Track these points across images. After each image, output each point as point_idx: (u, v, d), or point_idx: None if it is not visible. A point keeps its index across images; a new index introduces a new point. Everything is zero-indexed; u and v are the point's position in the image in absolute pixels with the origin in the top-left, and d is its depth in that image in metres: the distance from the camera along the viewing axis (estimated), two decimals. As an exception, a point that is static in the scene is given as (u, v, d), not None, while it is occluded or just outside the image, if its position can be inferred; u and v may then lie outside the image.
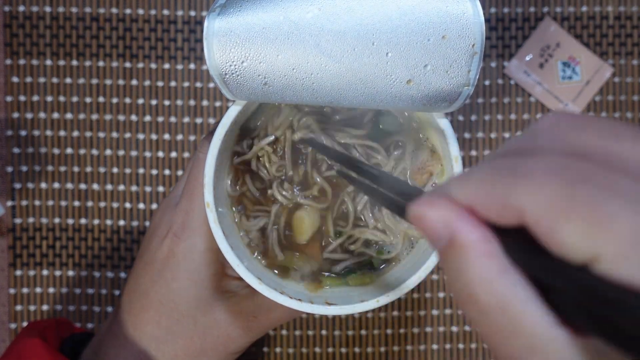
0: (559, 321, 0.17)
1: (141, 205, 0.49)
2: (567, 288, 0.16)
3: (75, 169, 0.49)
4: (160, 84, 0.49)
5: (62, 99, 0.49)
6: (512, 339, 0.17)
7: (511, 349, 0.17)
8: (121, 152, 0.49)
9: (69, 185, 0.49)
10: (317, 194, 0.35)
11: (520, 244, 0.17)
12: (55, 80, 0.49)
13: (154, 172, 0.49)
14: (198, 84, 0.49)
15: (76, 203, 0.49)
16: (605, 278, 0.15)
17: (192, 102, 0.49)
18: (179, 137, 0.49)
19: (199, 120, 0.49)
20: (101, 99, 0.49)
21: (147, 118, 0.49)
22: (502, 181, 0.17)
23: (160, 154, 0.49)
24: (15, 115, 0.49)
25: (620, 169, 0.16)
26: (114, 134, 0.49)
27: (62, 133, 0.49)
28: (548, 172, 0.17)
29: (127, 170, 0.49)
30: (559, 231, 0.16)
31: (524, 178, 0.17)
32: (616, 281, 0.15)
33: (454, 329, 0.49)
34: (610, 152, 0.17)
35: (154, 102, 0.49)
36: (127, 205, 0.49)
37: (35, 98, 0.49)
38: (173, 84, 0.49)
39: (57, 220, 0.49)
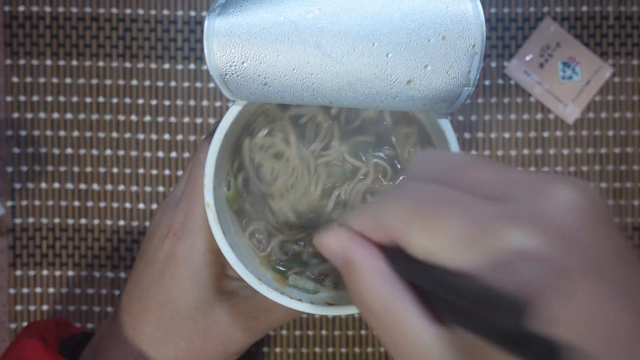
0: (430, 317, 0.20)
1: (141, 205, 0.49)
2: (433, 287, 0.20)
3: (75, 169, 0.49)
4: (160, 84, 0.49)
5: (62, 99, 0.49)
6: (393, 334, 0.21)
7: (393, 342, 0.21)
8: (121, 152, 0.49)
9: (69, 185, 0.49)
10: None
11: (403, 257, 0.21)
12: (55, 80, 0.49)
13: (154, 172, 0.49)
14: (198, 84, 0.49)
15: (76, 203, 0.49)
16: (448, 270, 0.19)
17: (192, 102, 0.49)
18: (179, 137, 0.49)
19: (199, 120, 0.49)
20: (101, 99, 0.49)
21: (147, 118, 0.49)
22: (378, 208, 0.22)
23: (160, 154, 0.49)
24: (15, 115, 0.49)
25: (458, 187, 0.21)
26: (114, 134, 0.49)
27: (62, 133, 0.49)
28: (402, 197, 0.22)
29: (127, 170, 0.49)
30: (416, 238, 0.20)
31: (391, 202, 0.22)
32: (454, 271, 0.19)
33: (454, 329, 0.49)
34: (454, 177, 0.22)
35: (154, 102, 0.49)
36: (127, 205, 0.49)
37: (35, 98, 0.49)
38: (173, 84, 0.49)
39: (57, 220, 0.49)
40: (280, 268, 0.35)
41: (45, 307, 0.49)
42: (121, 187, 0.49)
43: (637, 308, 0.18)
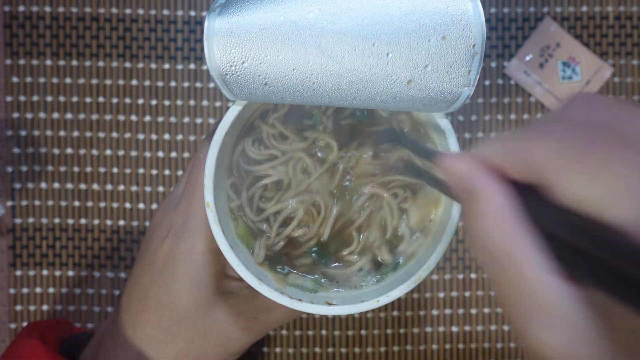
0: (560, 271, 0.18)
1: (141, 205, 0.49)
2: (576, 239, 0.18)
3: (75, 169, 0.49)
4: (160, 84, 0.49)
5: (62, 99, 0.49)
6: (512, 283, 0.19)
7: (510, 292, 0.19)
8: (121, 152, 0.49)
9: (69, 185, 0.49)
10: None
11: (538, 200, 0.19)
12: (55, 80, 0.49)
13: (154, 172, 0.49)
14: (198, 84, 0.49)
15: (76, 203, 0.49)
16: (611, 226, 0.17)
17: (192, 102, 0.49)
18: (179, 137, 0.49)
19: (199, 120, 0.49)
20: (101, 99, 0.49)
21: (147, 118, 0.49)
22: (525, 139, 0.20)
23: (160, 154, 0.49)
24: (15, 115, 0.49)
25: (630, 140, 0.18)
26: (114, 134, 0.49)
27: (62, 133, 0.49)
28: (566, 133, 0.19)
29: (127, 170, 0.49)
30: (571, 181, 0.18)
31: (545, 136, 0.19)
32: (620, 228, 0.17)
33: (454, 329, 0.49)
34: (623, 127, 0.19)
35: (154, 102, 0.49)
36: (127, 205, 0.49)
37: (35, 98, 0.49)
38: (173, 84, 0.49)
39: (57, 220, 0.49)
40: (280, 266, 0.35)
41: (45, 307, 0.49)
42: (121, 187, 0.49)
43: None
